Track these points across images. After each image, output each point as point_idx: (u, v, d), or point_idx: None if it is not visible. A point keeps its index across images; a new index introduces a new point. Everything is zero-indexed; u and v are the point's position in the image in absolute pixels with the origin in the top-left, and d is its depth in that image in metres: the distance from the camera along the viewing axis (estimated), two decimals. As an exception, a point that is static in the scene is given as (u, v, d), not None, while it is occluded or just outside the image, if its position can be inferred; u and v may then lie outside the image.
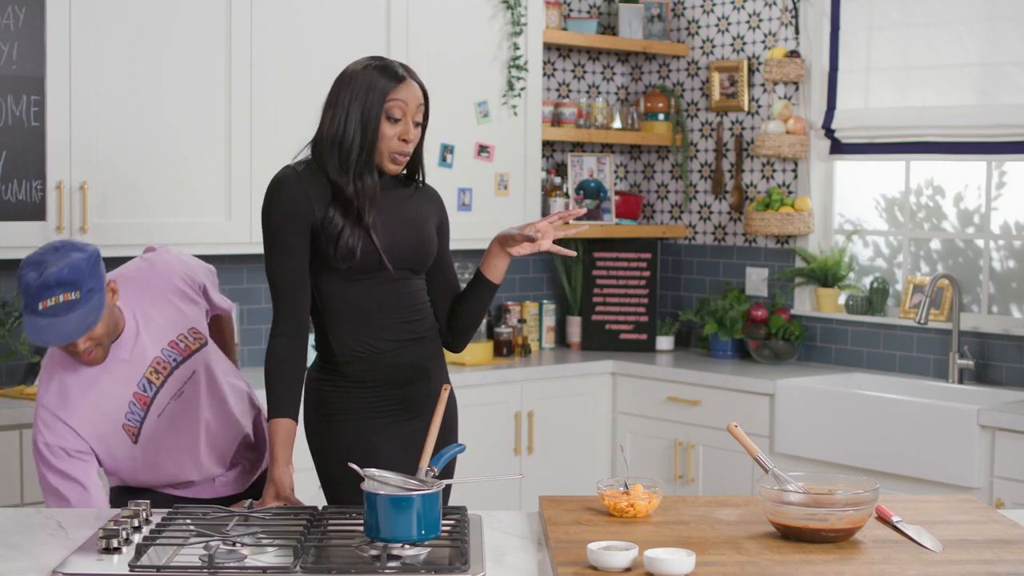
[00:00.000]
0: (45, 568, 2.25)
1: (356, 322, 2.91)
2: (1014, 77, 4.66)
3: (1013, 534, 2.48)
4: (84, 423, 2.88)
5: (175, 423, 2.99)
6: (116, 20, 4.18)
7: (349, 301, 2.89)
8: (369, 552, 2.29)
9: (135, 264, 3.12)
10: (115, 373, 2.92)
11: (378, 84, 2.84)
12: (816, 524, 2.36)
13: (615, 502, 2.58)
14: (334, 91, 2.88)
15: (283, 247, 2.85)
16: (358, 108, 2.83)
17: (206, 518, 2.51)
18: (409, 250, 2.93)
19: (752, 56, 5.49)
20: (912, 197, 5.12)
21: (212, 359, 3.08)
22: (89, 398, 2.89)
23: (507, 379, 4.96)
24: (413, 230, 2.95)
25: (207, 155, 4.40)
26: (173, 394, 2.99)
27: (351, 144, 2.83)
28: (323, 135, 2.87)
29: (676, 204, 5.83)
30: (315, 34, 4.58)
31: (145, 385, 2.95)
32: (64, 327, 2.69)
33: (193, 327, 3.05)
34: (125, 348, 2.94)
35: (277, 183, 2.88)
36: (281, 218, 2.85)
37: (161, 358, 2.98)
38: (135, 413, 2.93)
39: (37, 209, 4.07)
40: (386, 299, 2.91)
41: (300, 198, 2.84)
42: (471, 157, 5.06)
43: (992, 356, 4.76)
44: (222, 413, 3.08)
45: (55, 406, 2.87)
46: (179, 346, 3.02)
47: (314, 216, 2.84)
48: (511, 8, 5.10)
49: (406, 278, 2.95)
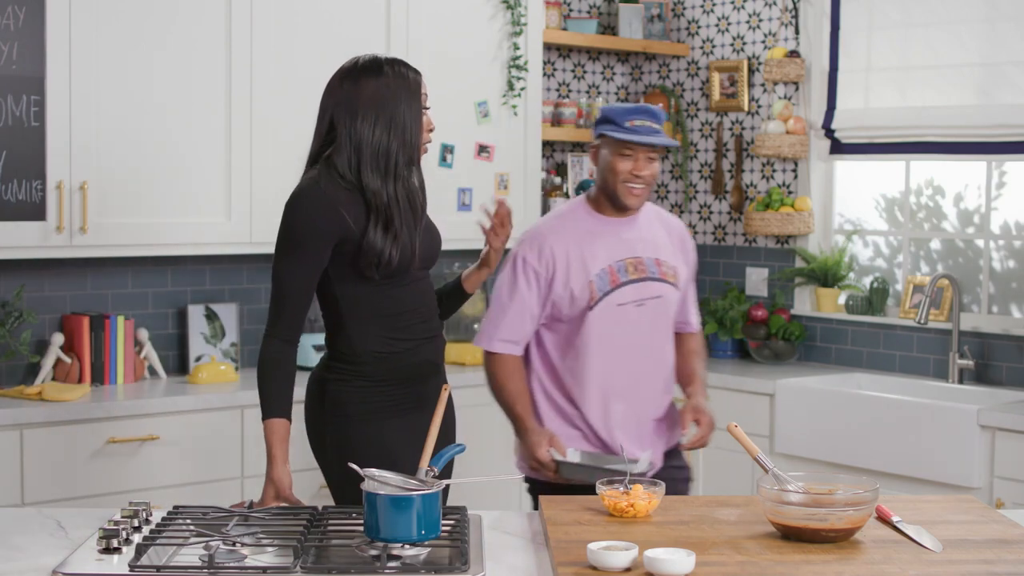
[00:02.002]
0: (45, 568, 2.25)
1: (382, 325, 2.92)
2: (1014, 77, 4.66)
3: (1013, 534, 2.48)
4: (561, 245, 3.22)
5: (622, 329, 3.23)
6: (116, 20, 4.18)
7: (376, 306, 2.91)
8: (369, 552, 2.29)
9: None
10: (607, 239, 3.24)
11: (410, 80, 2.88)
12: (816, 524, 2.36)
13: (615, 502, 2.58)
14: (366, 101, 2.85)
15: (302, 257, 2.85)
16: (404, 110, 2.85)
17: (206, 518, 2.51)
18: (431, 247, 2.99)
19: (752, 56, 5.49)
20: (912, 197, 5.12)
21: (675, 310, 3.34)
22: (578, 236, 3.24)
23: (507, 379, 4.95)
24: (429, 226, 3.01)
25: (207, 155, 4.40)
26: (636, 299, 3.25)
27: (397, 148, 2.84)
28: (361, 146, 2.84)
29: (676, 204, 5.83)
30: (315, 34, 4.58)
31: (621, 269, 3.23)
32: (653, 136, 3.15)
33: (675, 266, 3.32)
34: (629, 227, 3.27)
35: (307, 195, 2.85)
36: (309, 230, 2.83)
37: (644, 261, 3.26)
38: (603, 280, 3.22)
39: (37, 209, 4.07)
40: (410, 300, 2.95)
41: (331, 212, 2.82)
42: (471, 157, 5.06)
43: (992, 356, 4.75)
44: (655, 363, 3.32)
45: (547, 231, 3.27)
46: (662, 266, 3.29)
47: (347, 230, 2.83)
48: (511, 8, 5.10)
49: (424, 277, 3.00)
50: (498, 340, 3.28)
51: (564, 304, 3.23)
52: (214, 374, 4.47)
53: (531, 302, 3.24)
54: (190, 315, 4.69)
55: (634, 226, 3.30)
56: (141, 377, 4.53)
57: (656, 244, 3.32)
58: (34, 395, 4.10)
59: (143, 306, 4.64)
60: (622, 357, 3.26)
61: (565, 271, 3.23)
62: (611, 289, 3.22)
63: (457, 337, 5.17)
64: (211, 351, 4.70)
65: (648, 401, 3.34)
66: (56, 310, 4.46)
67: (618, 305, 3.23)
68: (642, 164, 3.19)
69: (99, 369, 4.39)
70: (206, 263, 4.76)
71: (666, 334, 3.36)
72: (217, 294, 4.80)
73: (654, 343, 3.32)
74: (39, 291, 4.43)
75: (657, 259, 3.29)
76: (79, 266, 4.49)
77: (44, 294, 4.44)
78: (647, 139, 3.15)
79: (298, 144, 4.58)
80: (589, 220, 3.30)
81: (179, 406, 4.18)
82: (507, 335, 3.27)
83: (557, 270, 3.23)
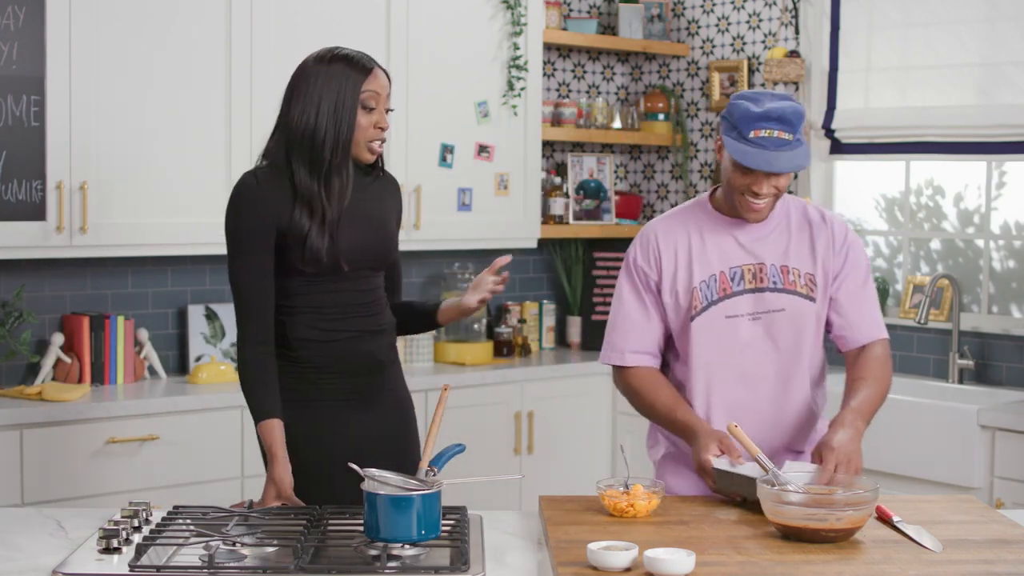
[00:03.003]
0: (45, 568, 2.25)
1: (315, 316, 2.88)
2: (1014, 77, 4.66)
3: (1013, 534, 2.48)
4: (669, 244, 2.88)
5: (731, 345, 2.85)
6: (116, 20, 4.18)
7: (309, 299, 2.87)
8: (369, 552, 2.29)
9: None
10: (723, 242, 2.87)
11: (350, 77, 2.82)
12: (816, 524, 2.36)
13: (615, 502, 2.58)
14: (297, 87, 2.85)
15: (248, 257, 2.82)
16: (330, 102, 2.81)
17: (206, 518, 2.51)
18: (371, 251, 2.91)
19: (752, 56, 5.49)
20: (912, 197, 5.12)
21: (811, 326, 2.88)
22: (690, 236, 2.88)
23: (507, 379, 4.96)
24: (375, 229, 2.93)
25: (207, 155, 4.40)
26: (751, 312, 2.85)
27: (323, 139, 2.80)
28: (290, 132, 2.83)
29: (676, 204, 5.82)
30: (315, 34, 4.57)
31: (736, 276, 2.85)
32: (773, 159, 2.69)
33: (811, 274, 2.87)
34: (753, 229, 2.87)
35: (238, 192, 2.84)
36: (244, 228, 2.82)
37: (766, 268, 2.85)
38: (711, 287, 2.85)
39: (37, 209, 4.07)
40: (346, 297, 2.89)
41: (262, 205, 2.80)
42: (471, 157, 5.06)
43: (992, 356, 4.75)
44: (775, 388, 2.88)
45: (659, 228, 2.91)
46: (789, 277, 2.86)
47: (279, 222, 2.81)
48: (511, 8, 5.10)
49: (366, 276, 2.93)
50: (629, 352, 2.92)
51: (670, 310, 2.89)
52: (214, 374, 4.47)
53: (648, 304, 2.91)
54: (190, 315, 4.69)
55: (760, 228, 2.88)
56: (141, 377, 4.53)
57: (786, 249, 2.87)
58: (34, 395, 4.10)
59: (143, 306, 4.64)
60: (732, 377, 2.87)
61: (672, 273, 2.89)
62: (719, 298, 2.84)
63: (457, 337, 5.17)
64: (211, 351, 4.70)
65: (768, 431, 2.88)
66: (56, 310, 4.46)
67: (727, 317, 2.84)
68: (762, 182, 2.76)
69: (99, 369, 4.39)
70: (206, 263, 4.76)
71: (795, 354, 2.87)
72: (217, 294, 4.80)
73: (778, 364, 2.87)
74: (39, 291, 4.43)
75: (784, 266, 2.85)
76: (79, 266, 4.49)
77: (44, 294, 4.44)
78: (765, 166, 2.69)
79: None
80: (706, 218, 2.91)
81: (179, 406, 4.19)
82: (637, 345, 2.92)
83: (664, 271, 2.89)
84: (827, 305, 2.90)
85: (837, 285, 2.89)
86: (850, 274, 2.90)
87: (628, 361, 2.92)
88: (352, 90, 2.82)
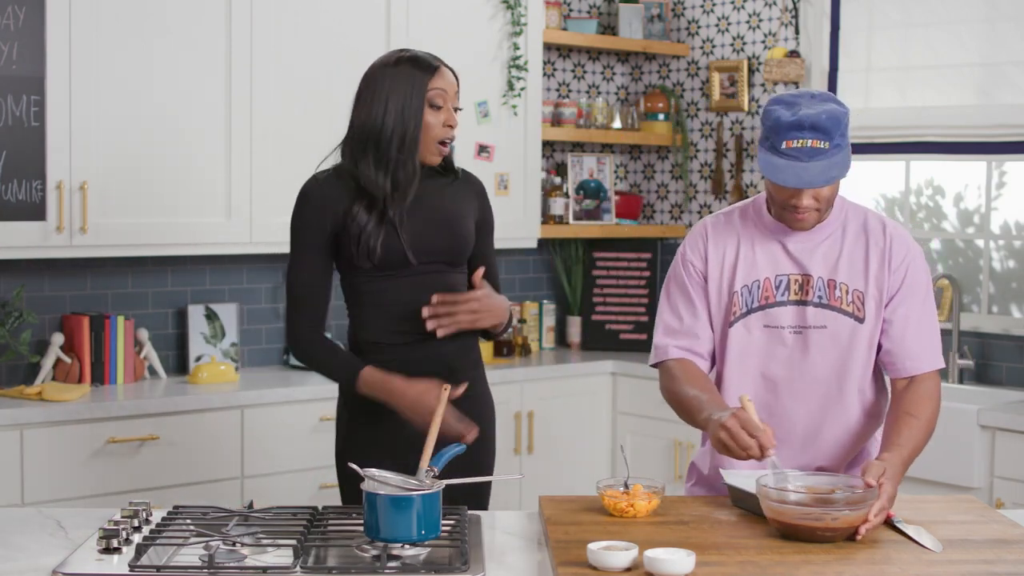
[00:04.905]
0: (45, 568, 2.25)
1: (381, 315, 2.90)
2: (1014, 77, 4.66)
3: (1013, 534, 2.48)
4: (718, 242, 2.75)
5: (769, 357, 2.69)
6: (116, 20, 4.18)
7: (376, 297, 2.89)
8: (369, 552, 2.29)
9: None
10: (772, 248, 2.71)
11: (416, 76, 2.86)
12: (816, 523, 2.36)
13: (615, 502, 2.58)
14: (364, 91, 2.90)
15: (301, 255, 2.90)
16: (398, 101, 2.84)
17: (206, 518, 2.51)
18: (439, 245, 2.91)
19: (752, 56, 5.49)
20: (912, 197, 5.12)
21: (861, 349, 2.68)
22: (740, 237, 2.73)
23: (507, 379, 4.96)
24: (444, 224, 2.93)
25: (207, 155, 4.40)
26: (794, 325, 2.68)
27: (390, 137, 2.84)
28: (355, 130, 2.87)
29: (676, 204, 5.83)
30: (315, 34, 4.58)
31: (782, 285, 2.69)
32: (803, 172, 2.52)
33: (860, 292, 2.67)
34: (806, 237, 2.69)
35: (299, 195, 2.92)
36: (300, 227, 2.89)
37: (813, 281, 2.68)
38: (752, 293, 2.69)
39: (37, 209, 4.07)
40: (414, 295, 2.88)
41: (319, 209, 2.86)
42: (471, 157, 5.06)
43: (992, 356, 4.75)
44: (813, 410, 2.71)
45: (710, 224, 2.78)
46: (836, 292, 2.67)
47: (336, 222, 2.85)
48: (511, 8, 5.10)
49: (439, 271, 2.93)
50: (673, 347, 2.78)
51: (714, 310, 2.76)
52: (214, 374, 4.47)
53: (695, 300, 2.76)
54: (190, 315, 4.69)
55: (811, 236, 2.70)
56: (141, 377, 4.53)
57: (836, 262, 2.69)
58: (34, 395, 4.10)
59: (143, 306, 4.64)
60: (767, 391, 2.72)
61: (718, 273, 2.75)
62: (760, 306, 2.69)
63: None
64: (211, 351, 4.70)
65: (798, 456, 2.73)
66: (56, 310, 4.46)
67: (765, 326, 2.69)
68: (800, 194, 2.60)
69: (99, 369, 4.39)
70: (206, 263, 4.76)
71: (839, 377, 2.69)
72: (217, 294, 4.80)
73: (816, 387, 2.70)
74: (39, 291, 4.43)
75: (832, 280, 2.67)
76: (79, 266, 4.49)
77: (44, 294, 4.44)
78: (794, 181, 2.54)
79: (298, 143, 4.59)
80: (759, 220, 2.75)
81: (179, 406, 4.18)
82: (683, 341, 2.77)
83: (710, 269, 2.75)
84: (880, 327, 2.70)
85: (892, 307, 2.69)
86: (907, 297, 2.69)
87: (671, 355, 2.77)
88: (419, 89, 2.86)
